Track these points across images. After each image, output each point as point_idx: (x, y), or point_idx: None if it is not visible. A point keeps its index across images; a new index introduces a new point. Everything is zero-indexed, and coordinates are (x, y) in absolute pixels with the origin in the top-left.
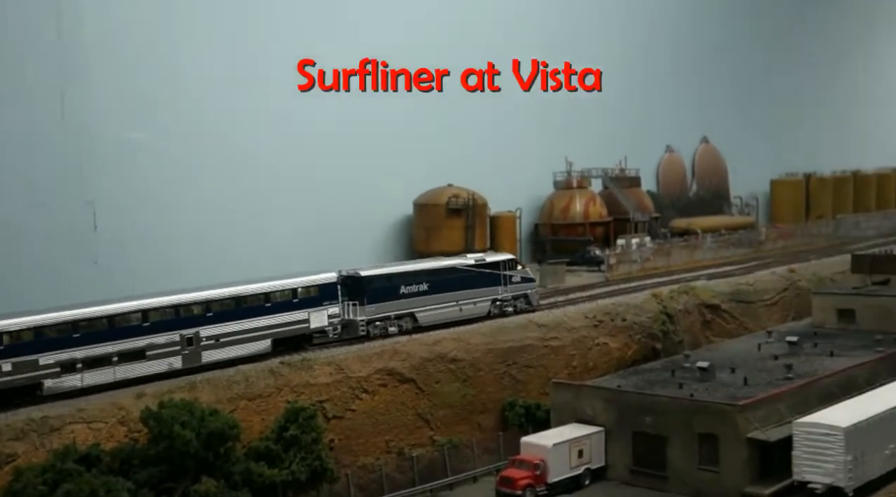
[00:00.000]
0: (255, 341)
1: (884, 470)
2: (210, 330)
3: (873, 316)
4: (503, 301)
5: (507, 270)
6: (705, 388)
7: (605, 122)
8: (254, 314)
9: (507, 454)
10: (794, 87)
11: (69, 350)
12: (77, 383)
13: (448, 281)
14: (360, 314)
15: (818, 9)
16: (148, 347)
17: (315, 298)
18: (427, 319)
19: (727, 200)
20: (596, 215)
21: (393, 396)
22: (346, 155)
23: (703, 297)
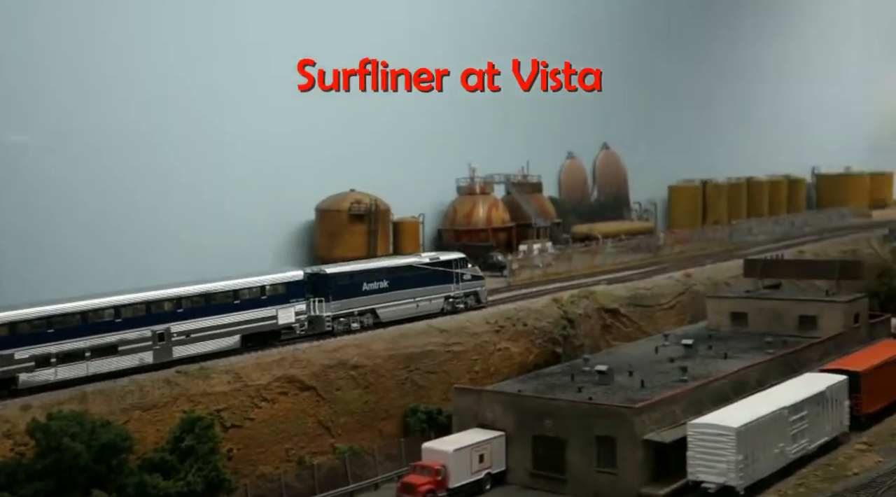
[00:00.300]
0: (224, 337)
1: (773, 469)
2: (181, 326)
3: (764, 319)
4: (455, 298)
5: (458, 269)
6: (604, 392)
7: (507, 128)
8: (223, 311)
9: (409, 460)
10: (692, 96)
11: (44, 345)
12: (51, 377)
13: (406, 279)
14: (325, 311)
15: (716, 20)
16: (120, 343)
17: (283, 296)
18: (387, 315)
19: (627, 206)
20: (499, 221)
21: (293, 404)
22: (246, 160)
23: (603, 302)
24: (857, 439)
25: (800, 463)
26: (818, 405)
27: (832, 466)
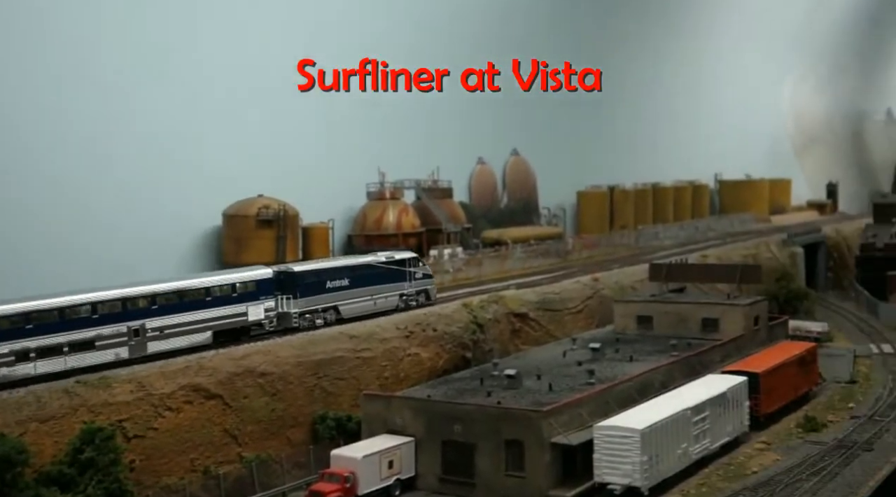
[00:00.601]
0: (197, 333)
1: (677, 469)
2: (155, 322)
3: (669, 322)
4: (408, 295)
5: (411, 268)
6: (512, 396)
7: (418, 133)
8: (196, 307)
9: (318, 468)
10: (600, 103)
11: (23, 340)
12: (30, 372)
13: (365, 276)
14: (293, 307)
15: (620, 28)
16: (97, 338)
17: (252, 293)
18: (348, 312)
19: (536, 211)
20: (409, 226)
21: (199, 413)
22: (152, 163)
23: (512, 307)
24: (756, 439)
25: (702, 463)
26: (719, 406)
27: (733, 465)
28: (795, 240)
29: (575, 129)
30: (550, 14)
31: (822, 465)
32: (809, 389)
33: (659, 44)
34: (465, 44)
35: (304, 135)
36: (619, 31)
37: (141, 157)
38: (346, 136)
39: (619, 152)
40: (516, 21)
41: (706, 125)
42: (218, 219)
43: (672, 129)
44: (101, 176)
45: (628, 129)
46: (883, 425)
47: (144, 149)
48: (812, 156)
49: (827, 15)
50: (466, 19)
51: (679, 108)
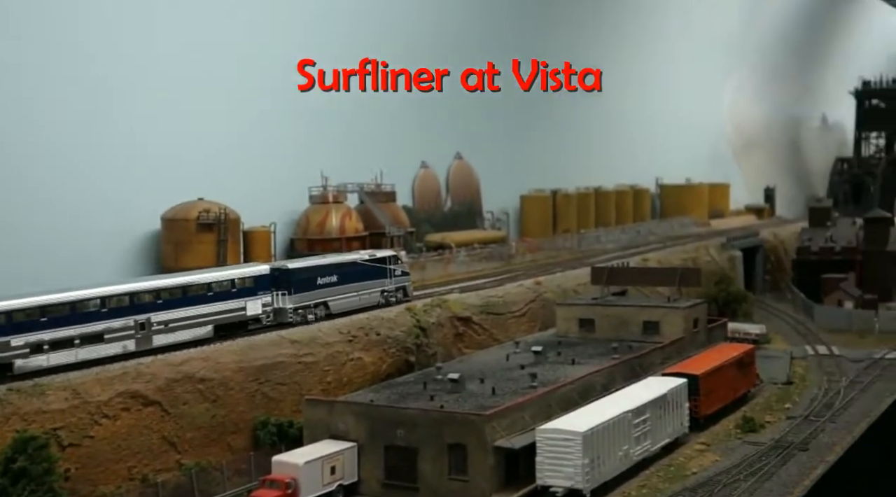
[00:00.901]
0: (199, 327)
1: (618, 470)
2: (160, 316)
3: (611, 325)
4: (388, 292)
5: (391, 265)
6: (455, 400)
7: (361, 137)
8: (198, 302)
9: (259, 475)
10: (543, 107)
11: (37, 333)
12: (43, 363)
13: (351, 273)
14: (287, 303)
15: (562, 33)
16: (106, 331)
17: (250, 289)
18: (336, 307)
19: (480, 215)
20: (352, 230)
21: (136, 420)
22: (89, 166)
23: (456, 310)
24: (696, 440)
25: (643, 464)
26: (660, 408)
27: (673, 467)
28: (734, 243)
29: (518, 133)
30: (492, 15)
31: (760, 465)
32: (747, 391)
33: (602, 51)
34: (421, 44)
35: (246, 138)
36: (563, 37)
37: (77, 160)
38: (289, 139)
39: (562, 156)
40: (457, 23)
41: (648, 130)
42: (157, 222)
43: (615, 133)
44: (35, 179)
45: (572, 133)
46: (818, 425)
47: (81, 152)
48: (750, 161)
49: (764, 23)
50: (426, 20)
51: (622, 112)
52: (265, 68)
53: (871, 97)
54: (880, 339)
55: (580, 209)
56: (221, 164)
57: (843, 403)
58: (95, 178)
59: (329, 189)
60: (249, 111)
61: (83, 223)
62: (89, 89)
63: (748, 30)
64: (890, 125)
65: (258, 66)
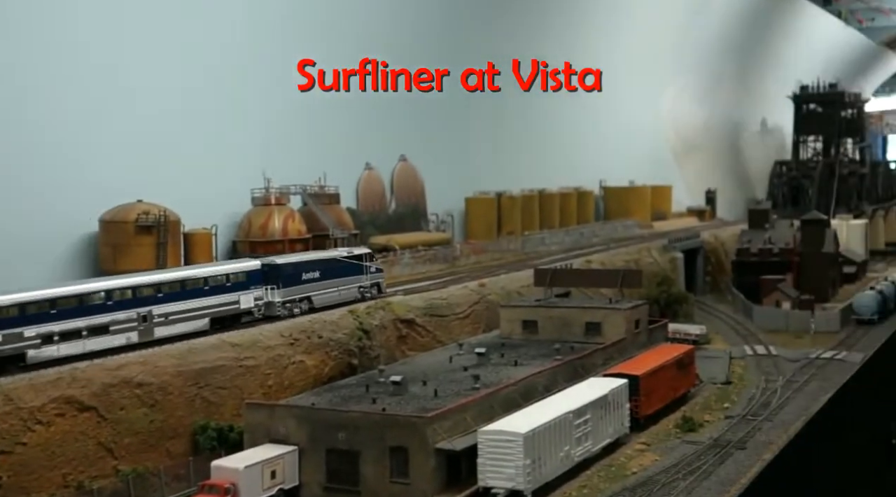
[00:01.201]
0: (197, 319)
1: (559, 471)
2: (161, 309)
3: (554, 326)
4: (365, 287)
5: (367, 262)
6: (397, 402)
7: (304, 138)
8: (196, 296)
9: (199, 480)
10: (488, 110)
11: (48, 324)
12: (54, 354)
13: (332, 269)
14: (276, 297)
15: (506, 34)
16: (111, 323)
17: (243, 283)
18: (319, 302)
19: (425, 217)
20: (295, 232)
21: (71, 426)
22: (26, 166)
23: (399, 312)
24: (636, 440)
25: (584, 465)
26: (601, 408)
27: (613, 467)
28: (676, 245)
29: (463, 135)
30: (438, 16)
31: (698, 464)
32: (687, 390)
33: (546, 53)
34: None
35: (187, 139)
36: (508, 38)
37: (12, 161)
38: (231, 140)
39: (507, 159)
40: (387, 23)
41: (592, 133)
42: (95, 224)
43: (560, 136)
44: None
45: (516, 135)
46: (755, 424)
47: (15, 152)
48: (692, 164)
49: (705, 27)
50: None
51: (567, 115)
52: (207, 69)
53: (809, 102)
54: (815, 339)
55: (525, 211)
56: (162, 166)
57: (780, 402)
58: (31, 179)
59: (271, 191)
60: (190, 112)
61: (17, 225)
62: (24, 89)
63: (689, 34)
64: (826, 129)
65: (200, 66)
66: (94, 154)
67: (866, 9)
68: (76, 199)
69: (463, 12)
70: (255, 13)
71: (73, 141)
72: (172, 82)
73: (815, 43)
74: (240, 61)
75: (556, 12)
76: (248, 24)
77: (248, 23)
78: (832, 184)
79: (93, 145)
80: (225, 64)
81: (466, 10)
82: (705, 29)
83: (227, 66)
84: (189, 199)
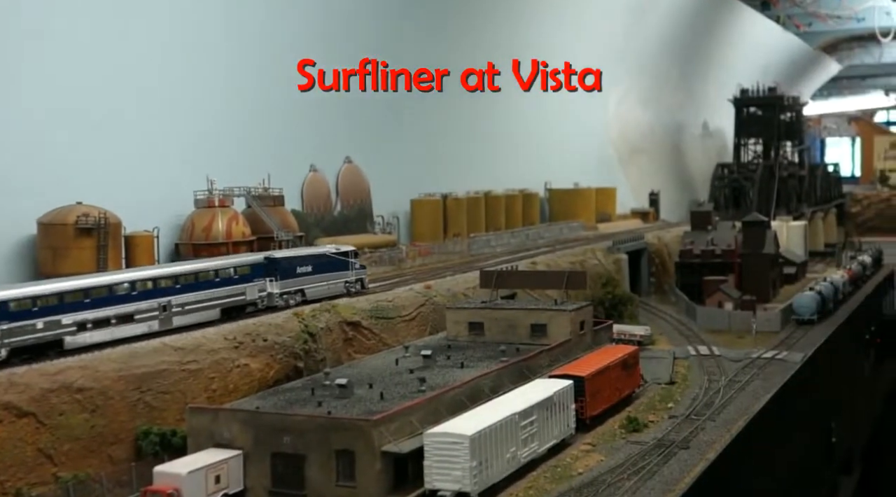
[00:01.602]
0: (209, 310)
1: (506, 473)
2: (179, 299)
3: (499, 328)
4: (350, 282)
5: (352, 259)
6: (343, 405)
7: (248, 140)
8: (208, 287)
9: (142, 485)
10: (433, 112)
11: (82, 312)
12: (87, 340)
13: (322, 264)
14: (275, 288)
15: (459, 39)
16: (136, 312)
17: (248, 275)
18: (311, 294)
19: (370, 219)
20: (239, 234)
21: (9, 432)
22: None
23: (345, 315)
24: (582, 440)
25: (531, 466)
26: (547, 410)
27: (559, 467)
28: (620, 247)
29: (409, 136)
30: (389, 15)
31: (643, 464)
32: (632, 391)
33: (492, 54)
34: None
35: (128, 140)
36: (456, 41)
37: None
38: (174, 141)
39: (452, 161)
40: (342, 22)
41: (538, 135)
42: (32, 227)
43: (505, 138)
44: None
45: (462, 137)
46: (699, 424)
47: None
48: (636, 166)
49: (648, 30)
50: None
51: (512, 117)
52: (148, 69)
53: (749, 105)
54: (757, 339)
55: (470, 213)
56: (102, 168)
57: (723, 402)
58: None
59: (215, 193)
60: (131, 112)
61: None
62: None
63: (633, 38)
64: (766, 132)
65: (141, 66)
66: (32, 155)
67: (804, 14)
68: (13, 201)
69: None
70: (206, 10)
71: (10, 141)
72: (114, 82)
73: (754, 47)
74: (184, 61)
75: (503, 13)
76: (193, 26)
77: (193, 25)
78: (772, 186)
79: (31, 146)
80: (167, 64)
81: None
82: (649, 33)
83: (170, 66)
84: (130, 202)
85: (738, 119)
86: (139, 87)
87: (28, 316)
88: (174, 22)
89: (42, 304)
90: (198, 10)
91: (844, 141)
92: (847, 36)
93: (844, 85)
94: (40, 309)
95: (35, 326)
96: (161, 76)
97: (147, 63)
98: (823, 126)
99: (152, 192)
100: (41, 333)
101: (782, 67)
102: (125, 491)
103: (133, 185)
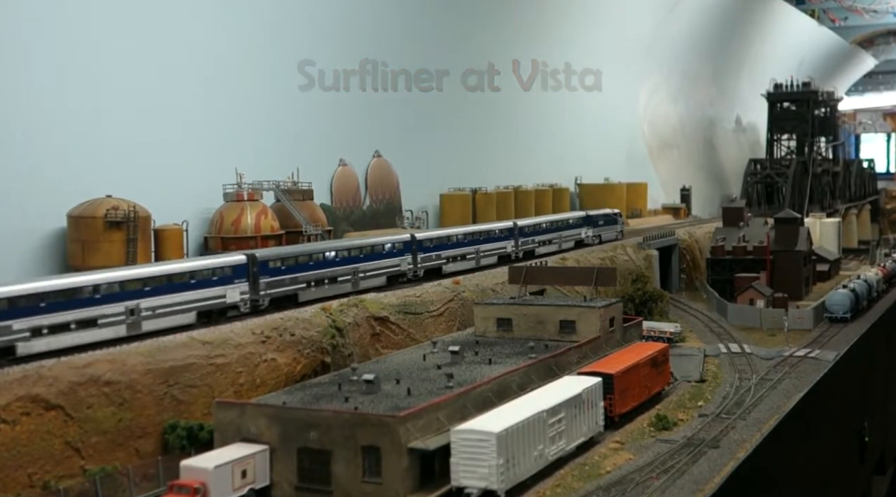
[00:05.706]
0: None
1: (533, 471)
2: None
3: (528, 324)
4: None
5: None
6: (370, 401)
7: (277, 134)
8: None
9: (168, 480)
10: (463, 107)
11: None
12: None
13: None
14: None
15: (489, 36)
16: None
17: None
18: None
19: (399, 214)
20: (268, 228)
21: (37, 425)
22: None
23: (372, 310)
24: (610, 438)
25: (558, 463)
26: (575, 407)
27: (587, 466)
28: (651, 243)
29: (438, 131)
30: (412, 18)
31: (672, 462)
32: (661, 389)
33: (523, 52)
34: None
35: (159, 134)
36: (484, 38)
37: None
38: (203, 135)
39: (482, 156)
40: (355, 22)
41: (568, 130)
42: (63, 220)
43: (535, 133)
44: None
45: (492, 132)
46: (729, 423)
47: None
48: (667, 161)
49: (680, 25)
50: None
51: (542, 112)
52: (178, 64)
53: (782, 100)
54: (789, 337)
55: (500, 208)
56: (132, 162)
57: (754, 401)
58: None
59: (244, 187)
60: (162, 107)
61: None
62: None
63: (664, 33)
64: (800, 127)
65: (170, 61)
66: (63, 149)
67: (839, 8)
68: (44, 195)
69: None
70: (231, 10)
71: (41, 136)
72: (144, 78)
73: (788, 42)
74: (215, 56)
75: (533, 13)
76: (222, 21)
77: (222, 20)
78: (806, 182)
79: (62, 140)
80: (197, 60)
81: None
82: (679, 27)
83: (200, 61)
84: (160, 195)
85: (771, 114)
86: (169, 82)
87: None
88: (205, 18)
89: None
90: (228, 5)
91: (879, 137)
92: (884, 30)
93: (880, 80)
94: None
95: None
96: (193, 71)
97: (179, 59)
98: (858, 121)
99: (182, 186)
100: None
101: (817, 62)
102: (152, 484)
103: (163, 179)
